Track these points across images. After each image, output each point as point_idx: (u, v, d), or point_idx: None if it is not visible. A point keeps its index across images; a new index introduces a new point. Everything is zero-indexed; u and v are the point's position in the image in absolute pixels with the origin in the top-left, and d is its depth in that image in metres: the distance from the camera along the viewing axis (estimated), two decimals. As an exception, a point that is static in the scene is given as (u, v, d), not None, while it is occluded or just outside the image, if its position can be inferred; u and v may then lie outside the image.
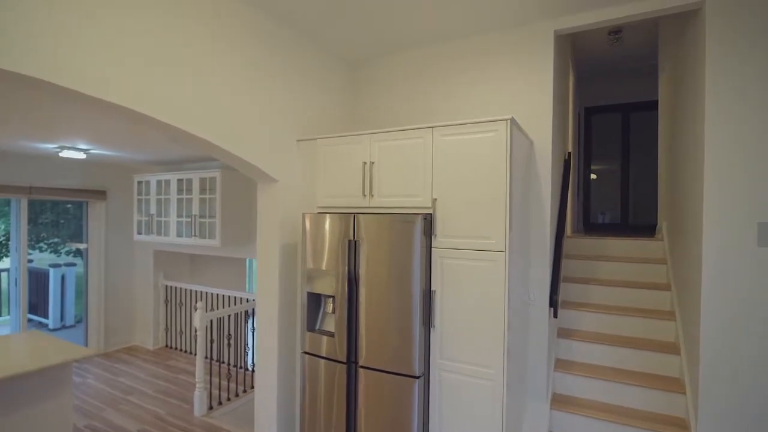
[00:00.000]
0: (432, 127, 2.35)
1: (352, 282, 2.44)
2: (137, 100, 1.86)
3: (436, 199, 2.32)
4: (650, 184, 5.49)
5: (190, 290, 5.18)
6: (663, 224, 3.77)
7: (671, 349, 2.87)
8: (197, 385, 3.38)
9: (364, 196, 2.57)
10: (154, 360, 4.85)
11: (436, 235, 2.33)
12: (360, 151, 2.59)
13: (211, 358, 4.05)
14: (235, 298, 4.72)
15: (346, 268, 2.44)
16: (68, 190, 4.69)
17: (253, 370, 4.15)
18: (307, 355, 2.61)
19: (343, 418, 2.45)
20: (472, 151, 2.24)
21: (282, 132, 2.71)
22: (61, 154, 3.78)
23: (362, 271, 2.40)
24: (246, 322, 4.34)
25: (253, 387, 3.98)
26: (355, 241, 2.43)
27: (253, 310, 4.05)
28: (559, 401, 2.84)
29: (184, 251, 4.88)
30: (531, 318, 2.78)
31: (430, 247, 2.33)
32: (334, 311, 2.57)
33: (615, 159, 5.82)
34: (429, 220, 2.32)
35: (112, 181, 5.15)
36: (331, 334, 2.52)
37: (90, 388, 4.04)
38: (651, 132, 5.44)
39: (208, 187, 4.17)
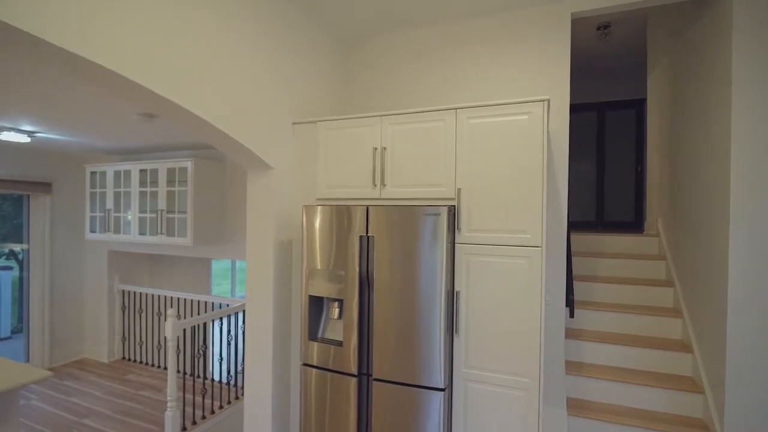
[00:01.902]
0: (456, 108, 2.11)
1: (364, 283, 2.14)
2: (130, 66, 1.50)
3: (460, 189, 2.08)
4: (625, 182, 5.57)
5: (152, 295, 4.64)
6: (657, 220, 3.74)
7: (680, 346, 2.80)
8: (169, 404, 2.94)
9: (375, 185, 2.29)
10: (109, 375, 4.28)
11: (460, 230, 2.08)
12: (370, 134, 2.30)
13: (184, 372, 3.59)
14: (205, 303, 4.27)
15: (357, 267, 2.14)
16: (4, 182, 4.03)
17: (229, 383, 3.72)
18: (308, 368, 2.28)
19: (355, 440, 2.15)
20: (503, 135, 2.01)
21: (276, 113, 2.37)
22: (-1, 137, 3.19)
23: (376, 271, 2.11)
24: (213, 329, 3.89)
25: (230, 402, 3.57)
26: (368, 237, 2.13)
27: (239, 315, 3.64)
28: (574, 406, 2.69)
29: (147, 251, 4.34)
30: (547, 319, 2.60)
31: (454, 243, 2.08)
32: (340, 317, 2.27)
33: (589, 157, 5.86)
34: (452, 213, 2.07)
35: (58, 171, 4.49)
36: (338, 343, 2.21)
37: (36, 412, 3.45)
38: (626, 131, 5.53)
39: (177, 179, 3.69)
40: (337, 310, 2.28)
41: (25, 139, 3.27)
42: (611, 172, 5.70)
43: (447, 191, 2.12)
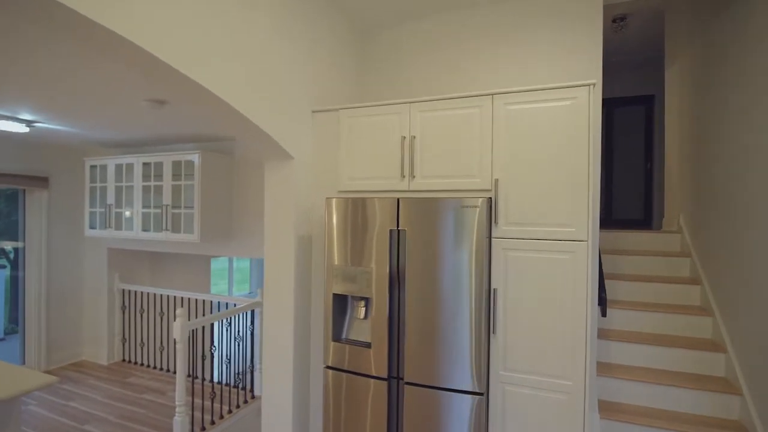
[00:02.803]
0: (492, 94, 1.98)
1: (395, 280, 2.01)
2: (150, 39, 1.36)
3: (498, 180, 1.95)
4: (634, 180, 5.48)
5: (154, 294, 4.46)
6: (679, 216, 3.64)
7: (711, 346, 2.70)
8: (177, 409, 2.78)
9: (403, 177, 2.15)
10: (109, 378, 4.10)
11: (497, 223, 1.95)
12: (398, 123, 2.17)
13: (193, 375, 3.43)
14: (211, 302, 4.11)
15: (387, 263, 2.00)
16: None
17: (237, 386, 3.57)
18: (331, 371, 2.14)
19: (386, 448, 2.01)
20: (544, 121, 1.89)
21: (296, 101, 2.22)
22: (-5, 127, 3.00)
23: (407, 267, 1.97)
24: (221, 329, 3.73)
25: (238, 406, 3.41)
26: (399, 231, 2.00)
27: (247, 314, 3.49)
28: (605, 408, 2.57)
29: (150, 249, 4.16)
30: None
31: (490, 238, 1.95)
32: (366, 317, 2.13)
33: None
34: (489, 206, 1.94)
35: (55, 165, 4.29)
36: (365, 345, 2.07)
37: (35, 418, 3.27)
38: (636, 128, 5.43)
39: (183, 172, 3.52)
40: (362, 310, 2.14)
41: (23, 129, 3.08)
42: (619, 169, 5.62)
43: (482, 182, 2.00)
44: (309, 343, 2.40)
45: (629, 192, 5.58)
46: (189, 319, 3.22)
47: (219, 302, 4.05)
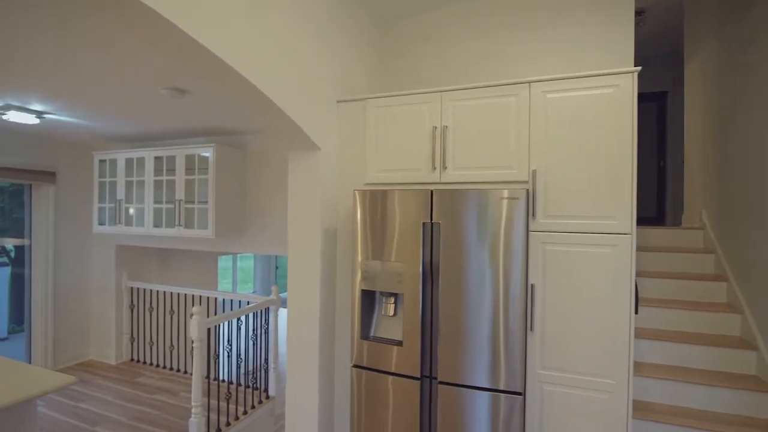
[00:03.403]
0: (529, 81, 1.91)
1: (428, 275, 1.93)
2: (177, 11, 1.26)
3: (535, 171, 1.88)
4: (646, 177, 5.41)
5: (164, 293, 4.38)
6: (701, 213, 3.58)
7: (740, 343, 2.63)
8: (193, 410, 2.70)
9: (434, 168, 2.08)
10: (118, 378, 4.01)
11: (535, 216, 1.88)
12: (428, 112, 2.10)
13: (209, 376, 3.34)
14: (223, 300, 4.03)
15: (421, 258, 1.93)
16: (4, 170, 3.73)
17: (251, 386, 3.49)
18: (359, 370, 2.07)
19: (420, 450, 1.94)
20: (585, 110, 1.82)
21: (321, 89, 2.15)
22: (4, 117, 2.89)
23: (442, 262, 1.90)
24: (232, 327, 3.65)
25: (253, 406, 3.33)
26: (432, 224, 1.92)
27: (260, 313, 3.41)
28: (637, 408, 2.50)
29: (160, 245, 4.07)
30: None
31: (528, 231, 1.88)
32: (395, 314, 2.06)
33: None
34: (527, 198, 1.86)
35: (63, 160, 4.19)
36: (397, 343, 2.00)
37: (44, 420, 3.18)
38: (647, 125, 5.36)
39: (197, 167, 3.44)
40: (392, 306, 2.07)
41: (33, 120, 2.98)
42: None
43: (518, 173, 1.93)
44: (334, 340, 2.32)
45: (642, 189, 5.50)
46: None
47: (224, 300, 3.97)
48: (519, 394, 1.80)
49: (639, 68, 1.76)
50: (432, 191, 1.92)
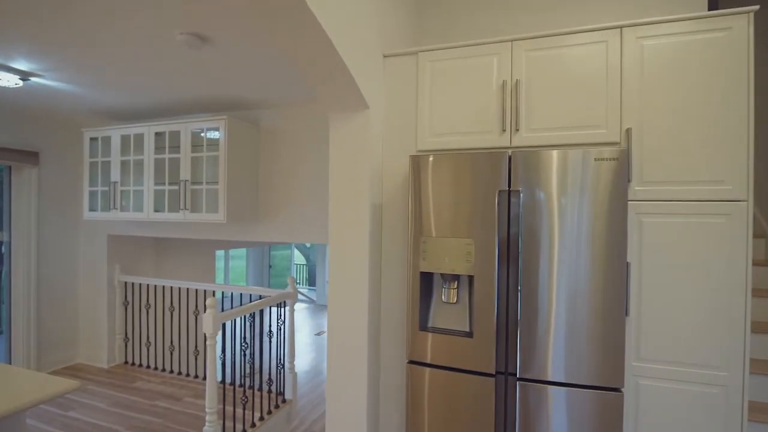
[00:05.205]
0: (620, 26, 1.64)
1: (503, 254, 1.64)
2: None
3: (630, 130, 1.61)
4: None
5: (162, 287, 3.99)
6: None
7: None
8: (208, 417, 2.35)
9: (504, 131, 1.79)
10: (112, 383, 3.61)
11: (630, 182, 1.61)
12: (495, 66, 1.81)
13: (227, 380, 2.99)
14: (232, 295, 3.67)
15: (496, 233, 1.63)
16: (-20, 150, 3.30)
17: (268, 389, 3.15)
18: (418, 367, 1.76)
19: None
20: (689, 58, 1.56)
21: (366, 40, 1.82)
22: (-21, 81, 2.48)
23: (522, 238, 1.61)
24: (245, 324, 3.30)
25: (270, 411, 2.99)
26: (510, 193, 1.63)
27: (273, 307, 3.06)
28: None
29: (158, 234, 3.67)
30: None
31: (626, 199, 1.61)
32: (458, 300, 1.76)
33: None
34: (626, 158, 1.59)
35: (48, 138, 3.73)
36: (465, 334, 1.70)
37: (29, 432, 2.78)
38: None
39: (205, 144, 3.06)
40: (454, 291, 1.77)
41: (15, 82, 2.56)
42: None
43: (608, 134, 1.65)
44: (379, 332, 2.01)
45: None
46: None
47: (225, 296, 3.60)
48: (617, 390, 1.53)
49: (756, 7, 1.51)
50: (510, 154, 1.63)
